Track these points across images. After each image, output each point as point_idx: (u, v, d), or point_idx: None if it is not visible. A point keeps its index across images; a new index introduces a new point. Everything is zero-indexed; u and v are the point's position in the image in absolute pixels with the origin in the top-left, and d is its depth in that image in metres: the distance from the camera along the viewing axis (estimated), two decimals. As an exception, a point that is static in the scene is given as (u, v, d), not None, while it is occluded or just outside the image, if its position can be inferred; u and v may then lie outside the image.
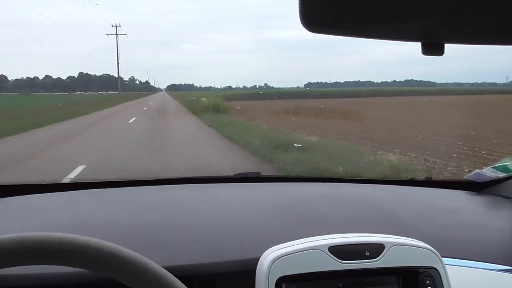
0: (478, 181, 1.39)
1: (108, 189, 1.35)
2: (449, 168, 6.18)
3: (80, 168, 5.51)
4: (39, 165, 6.02)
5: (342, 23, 0.48)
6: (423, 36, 0.51)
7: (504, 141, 8.38)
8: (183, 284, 0.56)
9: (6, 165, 5.93)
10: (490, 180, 1.37)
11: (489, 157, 6.84)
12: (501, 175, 1.35)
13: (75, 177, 4.90)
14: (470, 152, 7.60)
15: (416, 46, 0.52)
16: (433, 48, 0.52)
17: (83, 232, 0.57)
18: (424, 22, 0.48)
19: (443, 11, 0.45)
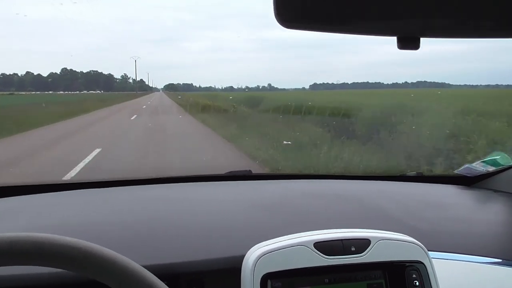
0: (468, 175, 1.54)
1: (98, 189, 1.47)
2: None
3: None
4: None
5: (317, 18, 0.53)
6: (398, 30, 0.56)
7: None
8: (163, 283, 0.60)
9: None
10: (480, 174, 1.52)
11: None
12: (491, 169, 1.50)
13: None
14: None
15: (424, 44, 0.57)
16: (408, 42, 0.56)
17: (71, 232, 0.62)
18: (399, 17, 0.53)
19: (418, 6, 0.51)
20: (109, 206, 1.31)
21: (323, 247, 0.78)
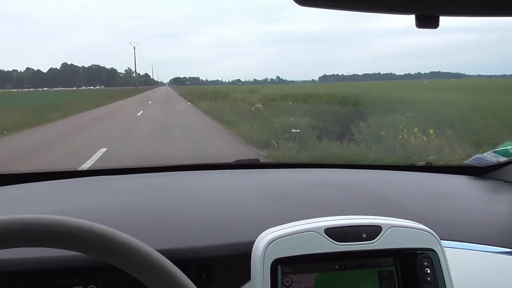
0: (478, 165, 1.56)
1: (110, 176, 1.54)
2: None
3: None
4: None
5: None
6: (417, 8, 0.55)
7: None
8: (175, 267, 0.61)
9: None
10: (491, 165, 1.54)
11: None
12: (502, 159, 1.52)
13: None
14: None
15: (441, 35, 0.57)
16: (427, 20, 0.56)
17: (83, 217, 0.62)
18: None
19: None
20: (120, 193, 1.36)
21: (334, 233, 0.80)
